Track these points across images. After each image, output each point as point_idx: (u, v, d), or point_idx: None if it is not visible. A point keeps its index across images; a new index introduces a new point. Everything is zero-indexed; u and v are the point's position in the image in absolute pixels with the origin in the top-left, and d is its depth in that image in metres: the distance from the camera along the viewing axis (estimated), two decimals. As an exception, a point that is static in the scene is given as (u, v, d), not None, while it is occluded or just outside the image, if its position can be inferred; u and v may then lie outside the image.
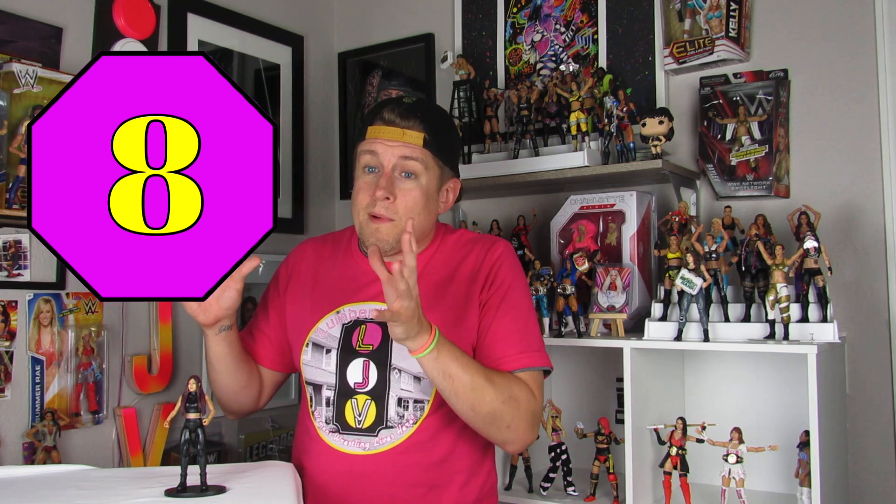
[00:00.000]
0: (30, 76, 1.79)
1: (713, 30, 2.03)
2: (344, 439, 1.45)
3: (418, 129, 1.47)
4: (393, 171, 1.46)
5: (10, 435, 1.83)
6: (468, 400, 1.36)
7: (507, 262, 1.53)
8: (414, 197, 1.46)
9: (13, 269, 1.85)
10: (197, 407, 1.22)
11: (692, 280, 1.75)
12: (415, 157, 1.46)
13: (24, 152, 1.75)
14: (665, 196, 2.15)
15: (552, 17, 2.38)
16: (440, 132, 1.51)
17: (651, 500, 1.87)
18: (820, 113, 1.97)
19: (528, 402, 1.43)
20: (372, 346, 1.47)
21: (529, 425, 1.44)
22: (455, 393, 1.35)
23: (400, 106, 1.48)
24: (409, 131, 1.46)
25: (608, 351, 2.05)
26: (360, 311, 1.50)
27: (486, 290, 1.50)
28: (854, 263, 1.91)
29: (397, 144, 1.46)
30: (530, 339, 1.49)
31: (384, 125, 1.47)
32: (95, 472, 1.40)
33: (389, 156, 1.46)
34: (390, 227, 1.46)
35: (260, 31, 2.54)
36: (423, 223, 1.50)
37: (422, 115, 1.48)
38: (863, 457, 1.89)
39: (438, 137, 1.49)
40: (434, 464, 1.45)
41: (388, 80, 2.71)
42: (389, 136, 1.46)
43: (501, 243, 1.56)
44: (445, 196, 1.56)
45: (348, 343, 1.48)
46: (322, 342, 1.50)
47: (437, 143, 1.49)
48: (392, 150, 1.46)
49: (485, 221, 2.36)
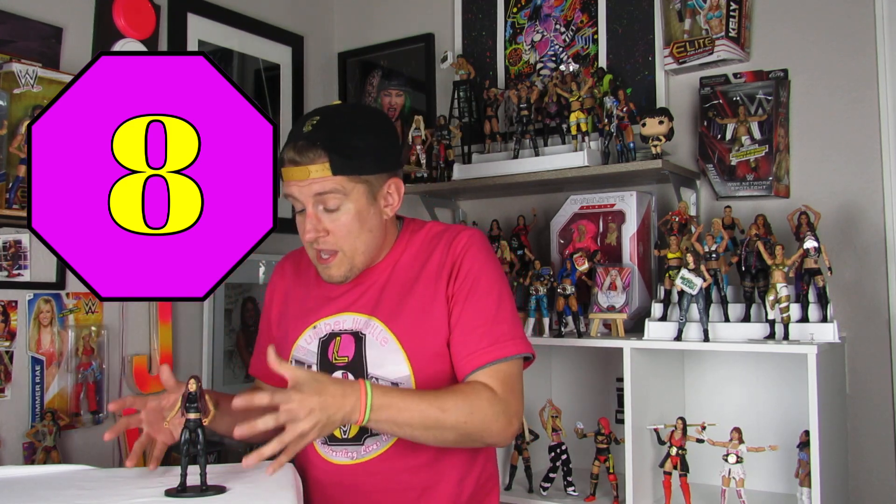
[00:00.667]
0: (30, 76, 1.79)
1: (713, 30, 2.03)
2: (332, 450, 1.45)
3: (321, 160, 1.39)
4: (315, 208, 1.42)
5: (10, 435, 1.83)
6: (429, 437, 1.34)
7: (472, 250, 1.47)
8: (345, 224, 1.42)
9: (13, 269, 1.85)
10: (197, 407, 1.22)
11: (692, 280, 1.75)
12: (328, 190, 1.40)
13: (24, 152, 1.75)
14: (665, 196, 2.15)
15: (552, 17, 2.38)
16: (350, 147, 1.41)
17: (651, 500, 1.87)
18: (820, 113, 1.97)
19: (493, 403, 1.37)
20: (347, 358, 1.45)
21: (503, 424, 1.38)
22: (413, 437, 1.33)
23: (298, 140, 1.41)
24: (312, 167, 1.39)
25: (608, 351, 2.05)
26: (334, 324, 1.49)
27: (451, 283, 1.45)
28: (854, 263, 1.91)
29: (306, 183, 1.40)
30: (502, 327, 1.43)
31: (290, 166, 1.41)
32: (95, 472, 1.40)
33: (305, 196, 1.41)
34: (338, 260, 1.44)
35: (260, 31, 2.54)
36: (368, 241, 1.46)
37: (321, 140, 1.40)
38: (863, 457, 1.89)
39: (349, 155, 1.40)
40: (424, 465, 1.44)
41: (388, 80, 2.71)
42: (297, 178, 1.41)
43: (466, 232, 1.50)
44: (387, 199, 1.48)
45: (325, 356, 1.47)
46: (303, 358, 1.50)
47: (350, 163, 1.40)
48: (304, 190, 1.41)
49: (485, 221, 2.36)
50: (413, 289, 1.48)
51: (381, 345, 1.44)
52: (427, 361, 1.43)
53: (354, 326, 1.47)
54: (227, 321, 2.38)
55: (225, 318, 2.37)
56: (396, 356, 1.42)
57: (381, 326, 1.45)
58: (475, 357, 1.41)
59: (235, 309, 2.40)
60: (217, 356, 2.34)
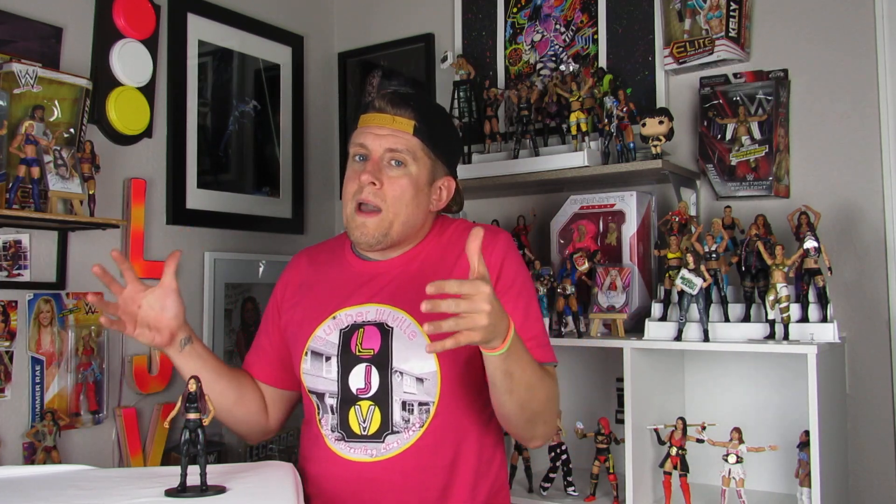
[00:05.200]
0: (30, 76, 1.79)
1: (713, 30, 2.03)
2: (350, 447, 1.42)
3: (408, 116, 1.44)
4: (381, 159, 1.44)
5: (10, 435, 1.83)
6: (519, 399, 1.31)
7: (511, 254, 1.49)
8: (402, 185, 1.43)
9: (13, 269, 1.85)
10: (197, 407, 1.22)
11: (692, 280, 1.76)
12: (402, 148, 1.44)
13: (23, 152, 1.75)
14: (665, 196, 2.15)
15: (552, 17, 2.38)
16: (433, 124, 1.48)
17: (651, 500, 1.87)
18: (820, 113, 1.97)
19: (557, 399, 1.43)
20: (373, 351, 1.44)
21: (554, 417, 1.44)
22: (509, 391, 1.30)
23: (394, 94, 1.47)
24: (398, 118, 1.44)
25: (608, 351, 2.05)
26: (357, 315, 1.47)
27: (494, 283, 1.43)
28: (854, 263, 1.91)
29: (387, 132, 1.44)
30: (542, 333, 1.47)
31: (375, 112, 1.46)
32: (95, 472, 1.39)
33: (379, 142, 1.44)
34: (377, 221, 1.43)
35: (260, 31, 2.54)
36: (411, 215, 1.46)
37: (414, 104, 1.46)
38: (863, 457, 1.89)
39: (430, 128, 1.47)
40: (444, 465, 1.43)
41: (388, 80, 2.71)
42: (379, 123, 1.44)
43: (503, 234, 1.53)
44: (438, 193, 1.51)
45: (347, 348, 1.45)
46: (321, 349, 1.47)
47: (429, 134, 1.46)
48: (381, 138, 1.44)
49: (485, 221, 2.36)
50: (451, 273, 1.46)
51: (410, 339, 1.42)
52: (456, 358, 1.42)
53: (379, 318, 1.45)
54: (227, 321, 2.38)
55: (225, 318, 2.37)
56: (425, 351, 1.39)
57: (409, 320, 1.43)
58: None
59: (235, 309, 2.40)
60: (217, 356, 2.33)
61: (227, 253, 2.38)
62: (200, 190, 2.31)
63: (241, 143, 2.48)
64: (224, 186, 2.40)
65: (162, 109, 2.22)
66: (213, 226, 2.35)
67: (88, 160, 1.91)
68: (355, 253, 1.56)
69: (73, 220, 1.85)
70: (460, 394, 1.44)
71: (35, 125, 1.77)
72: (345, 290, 1.51)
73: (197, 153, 2.31)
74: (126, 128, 2.08)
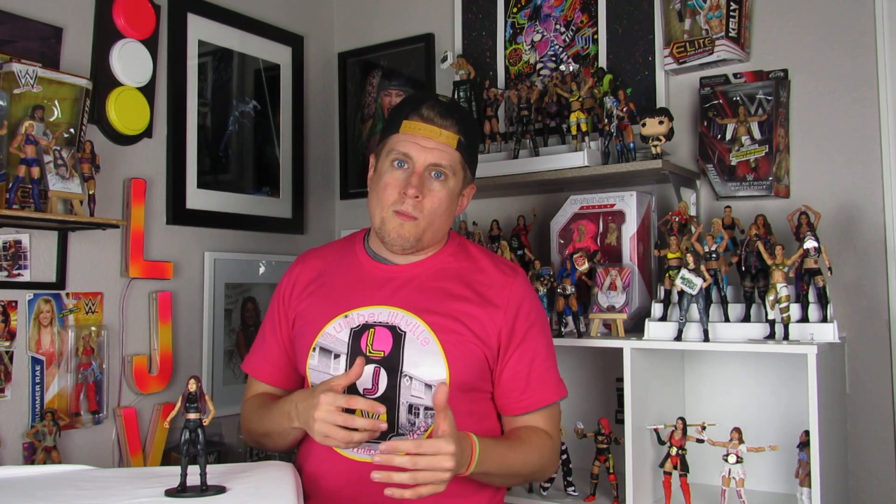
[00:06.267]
0: (30, 76, 1.79)
1: (713, 30, 2.03)
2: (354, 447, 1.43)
3: (454, 130, 1.46)
4: (424, 171, 1.45)
5: (10, 435, 1.83)
6: (507, 481, 1.48)
7: (531, 295, 1.55)
8: (440, 198, 1.46)
9: (13, 269, 1.85)
10: (197, 407, 1.22)
11: (692, 280, 1.75)
12: (445, 162, 1.46)
13: (23, 152, 1.75)
14: (665, 196, 2.15)
15: (552, 17, 2.38)
16: (471, 136, 1.52)
17: (651, 500, 1.87)
18: (820, 113, 1.97)
19: (552, 450, 1.50)
20: (383, 353, 1.44)
21: (556, 464, 1.54)
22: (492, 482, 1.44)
23: (439, 104, 1.47)
24: (445, 131, 1.45)
25: (608, 351, 2.05)
26: (369, 315, 1.47)
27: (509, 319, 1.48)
28: (854, 263, 1.91)
29: (433, 145, 1.44)
30: (551, 373, 1.53)
31: (422, 121, 1.45)
32: (95, 472, 1.39)
33: (424, 156, 1.44)
34: (413, 225, 1.45)
35: (260, 31, 2.54)
36: (442, 225, 1.50)
37: (458, 116, 1.48)
38: (863, 457, 1.89)
39: (469, 141, 1.50)
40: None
41: (388, 80, 2.71)
42: (426, 134, 1.44)
43: (522, 274, 1.57)
44: (461, 201, 1.56)
45: (357, 348, 1.45)
46: (330, 346, 1.47)
47: (468, 147, 1.50)
48: (428, 151, 1.44)
49: (485, 221, 2.36)
50: (462, 300, 1.48)
51: (422, 345, 1.43)
52: (464, 370, 1.45)
53: (391, 320, 1.45)
54: (227, 321, 2.38)
55: (225, 318, 2.37)
56: (436, 358, 1.41)
57: (422, 326, 1.43)
58: (529, 399, 1.49)
59: (235, 309, 2.40)
60: (217, 356, 2.34)
61: (227, 253, 2.38)
62: (200, 190, 2.31)
63: (241, 143, 2.48)
64: (224, 186, 2.40)
65: (162, 109, 2.22)
66: (213, 226, 2.35)
67: (88, 160, 1.91)
68: (369, 254, 1.56)
69: (73, 221, 1.85)
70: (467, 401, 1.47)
71: (35, 125, 1.77)
72: (357, 290, 1.51)
73: (197, 153, 2.31)
74: (126, 128, 2.08)
